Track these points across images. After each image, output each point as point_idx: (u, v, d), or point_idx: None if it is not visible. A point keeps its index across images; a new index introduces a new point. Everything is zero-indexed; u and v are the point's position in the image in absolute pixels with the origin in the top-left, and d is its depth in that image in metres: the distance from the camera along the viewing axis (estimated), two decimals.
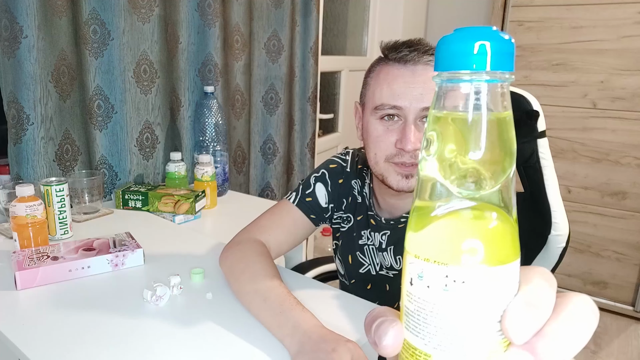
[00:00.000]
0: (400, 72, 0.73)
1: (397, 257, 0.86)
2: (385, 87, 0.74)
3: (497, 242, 0.23)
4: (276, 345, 0.67)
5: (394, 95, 0.73)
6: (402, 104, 0.72)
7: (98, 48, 1.24)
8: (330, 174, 0.93)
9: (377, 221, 0.88)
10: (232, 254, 0.84)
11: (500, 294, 0.23)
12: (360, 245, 0.90)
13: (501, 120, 0.23)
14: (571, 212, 2.22)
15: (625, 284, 2.19)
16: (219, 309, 0.77)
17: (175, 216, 1.22)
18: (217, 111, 1.47)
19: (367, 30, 2.65)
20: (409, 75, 0.72)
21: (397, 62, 0.74)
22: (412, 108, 0.72)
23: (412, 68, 0.72)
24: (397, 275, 0.86)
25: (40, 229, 0.94)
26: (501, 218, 0.23)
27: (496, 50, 0.22)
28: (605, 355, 1.96)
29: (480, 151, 0.23)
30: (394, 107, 0.73)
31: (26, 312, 0.75)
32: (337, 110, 2.54)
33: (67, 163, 1.24)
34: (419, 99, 0.71)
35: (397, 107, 0.73)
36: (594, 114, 2.10)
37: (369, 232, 0.88)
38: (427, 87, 0.71)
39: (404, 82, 0.72)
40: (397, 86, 0.72)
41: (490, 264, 0.23)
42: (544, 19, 2.12)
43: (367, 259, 0.90)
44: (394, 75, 0.73)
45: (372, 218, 0.88)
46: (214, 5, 1.48)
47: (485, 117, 0.23)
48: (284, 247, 0.90)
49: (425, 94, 0.71)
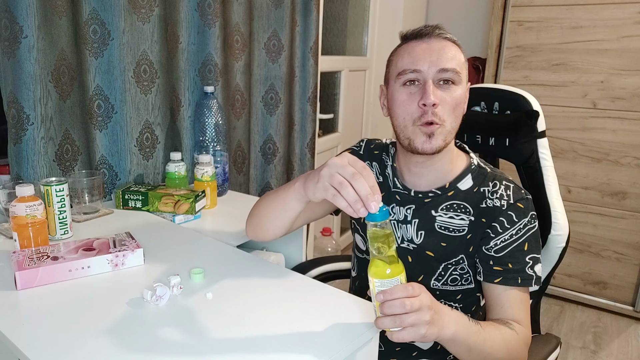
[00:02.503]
0: (417, 43, 0.85)
1: (420, 232, 0.92)
2: (406, 56, 0.85)
3: (383, 269, 0.66)
4: (276, 346, 0.67)
5: (414, 61, 0.84)
6: (421, 67, 0.83)
7: (98, 48, 1.24)
8: None
9: (402, 196, 0.94)
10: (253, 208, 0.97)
11: (381, 287, 0.66)
12: None
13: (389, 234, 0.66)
14: (571, 212, 2.22)
15: (625, 284, 2.19)
16: (219, 309, 0.77)
17: (175, 216, 1.22)
18: (217, 111, 1.47)
19: (367, 30, 2.65)
20: (425, 45, 0.84)
21: (415, 38, 0.86)
22: (429, 71, 0.83)
23: (427, 40, 0.85)
24: (416, 249, 0.93)
25: (40, 229, 0.94)
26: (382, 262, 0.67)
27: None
28: (605, 356, 1.96)
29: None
30: (414, 70, 0.83)
31: (26, 312, 0.75)
32: (337, 110, 2.54)
33: (67, 163, 1.24)
34: (435, 62, 0.82)
35: (417, 71, 0.83)
36: (594, 114, 2.11)
37: (391, 207, 0.95)
38: (441, 53, 0.83)
39: (421, 50, 0.84)
40: (415, 54, 0.84)
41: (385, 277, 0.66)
42: (544, 19, 2.12)
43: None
44: (412, 46, 0.85)
45: (397, 194, 0.95)
46: (214, 5, 1.48)
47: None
48: (301, 218, 0.98)
49: (440, 58, 0.82)
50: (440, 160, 0.89)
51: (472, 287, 0.94)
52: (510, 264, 0.85)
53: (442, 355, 0.98)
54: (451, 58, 0.83)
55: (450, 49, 0.84)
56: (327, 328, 0.72)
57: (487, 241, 0.87)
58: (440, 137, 0.84)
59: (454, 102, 0.83)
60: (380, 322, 0.66)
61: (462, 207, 0.89)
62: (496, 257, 0.86)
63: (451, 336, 0.71)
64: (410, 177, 0.94)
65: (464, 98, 0.87)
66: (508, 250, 0.86)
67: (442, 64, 0.82)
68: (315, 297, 0.82)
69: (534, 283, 0.85)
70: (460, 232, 0.89)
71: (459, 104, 0.85)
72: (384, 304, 0.65)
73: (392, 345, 0.99)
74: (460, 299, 0.95)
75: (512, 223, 0.86)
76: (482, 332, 0.76)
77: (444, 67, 0.82)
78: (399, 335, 0.65)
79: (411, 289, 0.65)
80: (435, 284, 0.93)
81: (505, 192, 0.88)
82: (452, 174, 0.91)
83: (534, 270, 0.86)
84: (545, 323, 2.18)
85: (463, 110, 0.87)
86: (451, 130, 0.85)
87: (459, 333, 0.72)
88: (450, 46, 0.84)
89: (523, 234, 0.86)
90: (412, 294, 0.65)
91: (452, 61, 0.83)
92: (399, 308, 0.64)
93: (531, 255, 0.86)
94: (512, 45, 2.21)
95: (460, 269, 0.91)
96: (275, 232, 0.93)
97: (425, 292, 0.68)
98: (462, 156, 0.94)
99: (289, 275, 0.90)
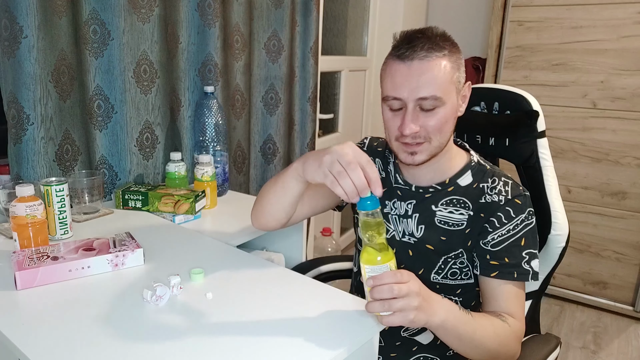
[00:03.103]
0: (399, 67, 0.83)
1: (420, 227, 0.94)
2: (388, 81, 0.85)
3: (374, 256, 0.71)
4: (277, 345, 0.67)
5: (394, 87, 0.83)
6: (401, 95, 0.83)
7: (98, 48, 1.24)
8: None
9: (403, 191, 0.96)
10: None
11: (372, 272, 0.71)
12: (385, 214, 0.99)
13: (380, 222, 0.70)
14: (571, 212, 2.22)
15: (625, 284, 2.19)
16: (219, 309, 0.77)
17: (175, 216, 1.22)
18: (217, 111, 1.47)
19: (367, 30, 2.65)
20: (406, 70, 0.82)
21: (397, 59, 0.83)
22: (409, 98, 0.82)
23: (408, 64, 0.82)
24: (416, 242, 0.95)
25: (40, 229, 0.94)
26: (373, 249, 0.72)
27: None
28: (605, 356, 1.96)
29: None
30: (395, 98, 0.84)
31: (26, 312, 0.75)
32: (337, 110, 2.54)
33: (67, 163, 1.24)
34: (415, 90, 0.81)
35: (397, 98, 0.83)
36: (593, 114, 2.11)
37: (393, 203, 0.97)
38: (421, 79, 0.81)
39: (401, 76, 0.82)
40: (396, 81, 0.83)
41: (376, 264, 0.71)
42: (544, 19, 2.12)
43: (392, 225, 0.98)
44: (394, 70, 0.84)
45: (399, 189, 0.97)
46: (214, 5, 1.48)
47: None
48: (305, 208, 1.02)
49: (420, 86, 0.81)
50: (438, 161, 0.91)
51: (472, 282, 0.95)
52: (507, 258, 0.86)
53: (442, 350, 0.99)
54: (431, 83, 0.81)
55: (432, 70, 0.81)
56: (327, 328, 0.72)
57: (484, 235, 0.88)
58: (425, 153, 0.86)
59: (439, 123, 0.84)
60: (370, 306, 0.70)
61: (462, 202, 0.91)
62: (493, 251, 0.88)
63: (440, 323, 0.74)
64: (409, 175, 0.96)
65: (453, 113, 0.86)
66: (504, 245, 0.87)
67: (421, 92, 0.81)
68: (315, 297, 0.82)
69: (530, 278, 0.86)
70: (459, 227, 0.91)
71: (445, 122, 0.85)
72: (373, 289, 0.70)
73: (392, 340, 0.99)
74: (460, 294, 0.96)
75: (509, 218, 0.87)
76: (472, 321, 0.78)
77: (422, 96, 0.81)
78: (389, 319, 0.70)
79: (399, 275, 0.70)
80: (436, 278, 0.94)
81: (504, 188, 0.89)
82: (452, 171, 0.93)
83: (530, 266, 0.87)
84: (545, 323, 2.18)
85: (453, 123, 0.87)
86: (439, 145, 0.87)
87: (448, 321, 0.75)
88: (432, 67, 0.81)
89: (520, 230, 0.87)
90: (401, 279, 0.70)
91: (432, 86, 0.81)
92: (387, 293, 0.69)
93: (528, 250, 0.87)
94: (512, 45, 2.21)
95: (459, 263, 0.92)
96: (278, 216, 0.95)
97: (414, 279, 0.72)
98: (462, 154, 0.95)
99: (289, 275, 0.90)
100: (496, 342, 0.80)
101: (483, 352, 0.80)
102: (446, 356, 0.99)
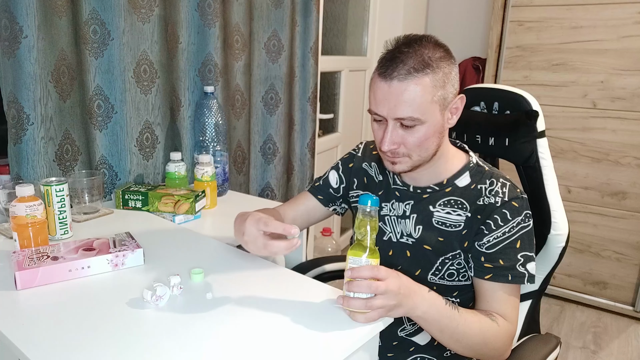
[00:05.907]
0: (380, 84, 0.84)
1: (417, 227, 0.94)
2: (372, 96, 0.86)
3: (361, 251, 0.74)
4: (277, 346, 0.67)
5: (376, 104, 0.85)
6: (381, 113, 0.85)
7: (98, 48, 1.24)
8: (342, 162, 1.10)
9: (401, 192, 0.97)
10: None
11: (353, 264, 0.74)
12: (382, 216, 1.00)
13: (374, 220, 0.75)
14: (571, 212, 2.22)
15: (625, 284, 2.19)
16: (219, 309, 0.77)
17: (175, 216, 1.22)
18: (217, 111, 1.47)
19: (367, 30, 2.65)
20: (387, 88, 0.83)
21: (379, 76, 0.84)
22: (389, 116, 0.84)
23: (389, 82, 0.82)
24: (414, 243, 0.95)
25: (40, 229, 0.94)
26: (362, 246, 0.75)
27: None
28: (605, 356, 1.96)
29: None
30: (376, 114, 0.86)
31: (26, 312, 0.75)
32: (337, 110, 2.54)
33: (67, 163, 1.24)
34: (393, 110, 0.83)
35: (379, 115, 0.86)
36: (594, 114, 2.10)
37: (391, 204, 0.98)
38: (399, 99, 0.81)
39: (382, 94, 0.83)
40: (378, 98, 0.84)
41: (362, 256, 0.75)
42: (544, 19, 2.12)
43: (389, 227, 0.98)
44: (376, 87, 0.85)
45: (397, 190, 0.98)
46: (214, 5, 1.48)
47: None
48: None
49: (397, 105, 0.82)
50: (434, 163, 0.91)
51: (469, 283, 0.95)
52: (502, 260, 0.86)
53: (439, 351, 0.99)
54: (409, 104, 0.80)
55: (411, 92, 0.80)
56: (327, 328, 0.72)
57: (480, 237, 0.88)
58: (406, 164, 0.88)
59: (418, 141, 0.84)
60: (352, 302, 0.72)
61: (459, 203, 0.91)
62: (487, 253, 0.88)
63: (421, 314, 0.77)
64: (408, 174, 0.96)
65: (436, 130, 0.85)
66: (499, 247, 0.87)
67: (398, 112, 0.82)
68: (315, 297, 0.82)
69: (526, 281, 0.86)
70: (457, 228, 0.91)
71: (426, 139, 0.85)
72: (351, 283, 0.72)
73: (389, 341, 0.99)
74: (457, 295, 0.96)
75: (505, 221, 0.87)
76: (457, 316, 0.80)
77: (399, 117, 0.82)
78: (368, 316, 0.73)
79: (377, 271, 0.72)
80: (433, 279, 0.94)
81: (501, 189, 0.89)
82: (450, 172, 0.93)
83: (526, 268, 0.87)
84: (545, 323, 2.18)
85: (438, 137, 0.87)
86: (420, 159, 0.87)
87: (429, 314, 0.78)
88: (412, 87, 0.80)
89: (516, 232, 0.87)
90: (377, 275, 0.72)
91: (410, 107, 0.81)
92: (364, 289, 0.72)
93: (523, 253, 0.87)
94: (512, 45, 2.21)
95: (457, 264, 0.92)
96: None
97: (394, 277, 0.74)
98: (460, 155, 0.95)
99: (289, 275, 0.90)
100: (480, 338, 0.82)
101: (465, 347, 0.82)
102: (443, 357, 0.99)
